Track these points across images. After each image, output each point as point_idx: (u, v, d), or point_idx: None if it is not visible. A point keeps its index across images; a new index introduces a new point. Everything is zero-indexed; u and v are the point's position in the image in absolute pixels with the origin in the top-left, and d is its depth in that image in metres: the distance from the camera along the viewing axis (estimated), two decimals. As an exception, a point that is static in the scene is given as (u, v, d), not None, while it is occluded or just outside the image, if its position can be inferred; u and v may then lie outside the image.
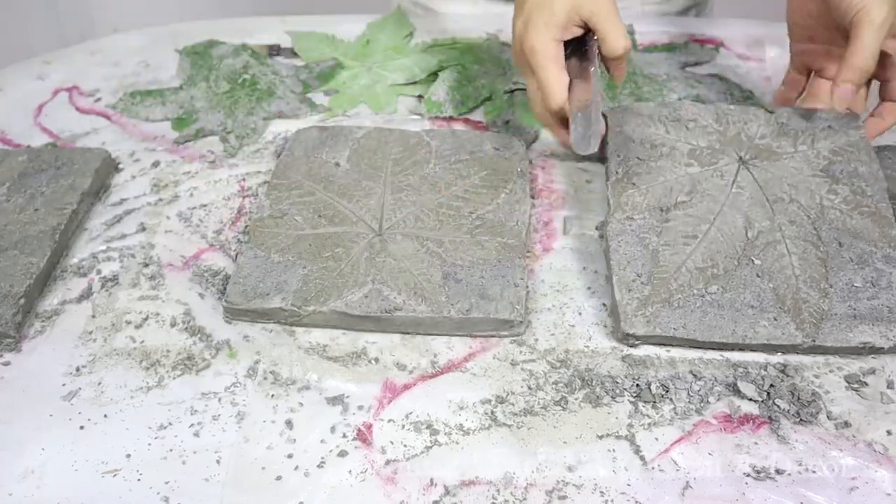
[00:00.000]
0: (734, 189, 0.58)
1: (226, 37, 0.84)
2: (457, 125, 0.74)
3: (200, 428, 0.50)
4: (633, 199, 0.59)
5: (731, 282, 0.54)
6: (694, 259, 0.55)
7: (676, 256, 0.55)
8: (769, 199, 0.57)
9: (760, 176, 0.59)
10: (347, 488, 0.46)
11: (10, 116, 0.76)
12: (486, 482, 0.47)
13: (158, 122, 0.75)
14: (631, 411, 0.50)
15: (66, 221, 0.61)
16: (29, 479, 0.47)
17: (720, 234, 0.56)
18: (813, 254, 0.55)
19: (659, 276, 0.54)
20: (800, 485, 0.46)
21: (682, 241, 0.55)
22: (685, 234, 0.56)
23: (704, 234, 0.55)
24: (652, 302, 0.53)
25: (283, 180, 0.64)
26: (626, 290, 0.54)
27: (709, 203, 0.58)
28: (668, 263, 0.55)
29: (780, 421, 0.49)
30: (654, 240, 0.56)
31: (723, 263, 0.54)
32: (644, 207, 0.58)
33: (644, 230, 0.57)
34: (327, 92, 0.78)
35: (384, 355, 0.54)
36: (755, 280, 0.53)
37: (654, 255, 0.55)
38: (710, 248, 0.55)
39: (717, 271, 0.54)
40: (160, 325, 0.56)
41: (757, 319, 0.52)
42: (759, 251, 0.55)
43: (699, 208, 0.57)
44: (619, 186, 0.60)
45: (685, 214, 0.57)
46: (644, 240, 0.56)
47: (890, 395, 0.50)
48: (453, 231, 0.59)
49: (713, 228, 0.56)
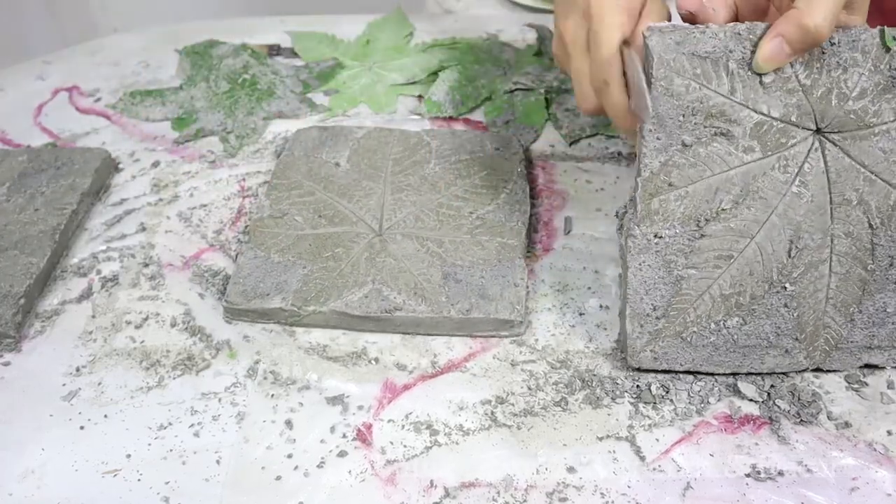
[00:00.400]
0: (795, 187, 0.46)
1: (226, 37, 0.84)
2: (457, 125, 0.74)
3: (200, 428, 0.50)
4: (667, 207, 0.46)
5: (753, 313, 0.47)
6: (720, 284, 0.47)
7: (702, 282, 0.47)
8: (834, 200, 0.46)
9: (835, 163, 0.46)
10: (347, 488, 0.46)
11: (10, 116, 0.76)
12: (486, 484, 0.47)
13: (158, 122, 0.75)
14: (631, 412, 0.50)
15: (66, 221, 0.61)
16: (29, 479, 0.47)
17: (759, 254, 0.46)
18: (857, 274, 0.47)
19: (677, 306, 0.48)
20: (800, 485, 0.46)
21: (713, 265, 0.47)
22: (718, 255, 0.47)
23: (740, 253, 0.46)
24: (664, 336, 0.48)
25: (283, 180, 0.64)
26: (639, 324, 0.48)
27: (756, 211, 0.46)
28: (691, 291, 0.47)
29: (780, 421, 0.49)
30: (682, 262, 0.47)
31: (751, 290, 0.47)
32: (678, 218, 0.46)
33: (672, 251, 0.47)
34: (327, 92, 0.78)
35: (384, 355, 0.54)
36: (780, 311, 0.47)
37: (678, 282, 0.47)
38: (741, 271, 0.47)
39: (743, 300, 0.47)
40: (160, 326, 0.56)
41: (768, 352, 0.49)
42: (798, 274, 0.47)
43: (743, 218, 0.46)
44: (652, 186, 0.46)
45: (724, 229, 0.46)
46: (670, 263, 0.47)
47: (890, 395, 0.50)
48: (453, 231, 0.59)
49: (752, 245, 0.46)
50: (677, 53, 0.44)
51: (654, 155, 0.46)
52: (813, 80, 0.45)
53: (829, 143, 0.46)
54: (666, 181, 0.46)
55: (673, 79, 0.44)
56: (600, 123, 0.72)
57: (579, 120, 0.72)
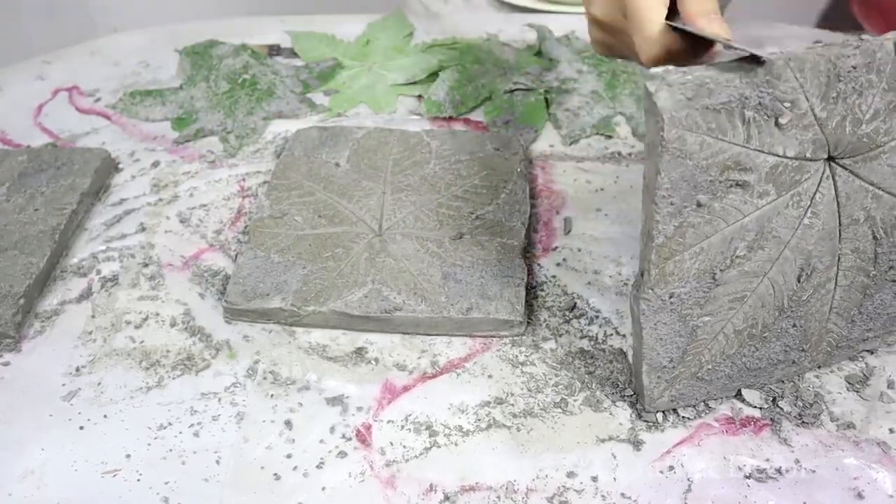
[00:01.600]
0: (807, 219, 0.44)
1: (226, 37, 0.84)
2: (457, 125, 0.74)
3: (200, 428, 0.49)
4: (682, 266, 0.43)
5: (765, 338, 0.47)
6: (734, 322, 0.46)
7: (717, 325, 0.46)
8: (843, 223, 0.45)
9: (844, 187, 0.44)
10: (346, 489, 0.46)
11: (10, 116, 0.76)
12: (485, 487, 0.46)
13: (158, 122, 0.75)
14: (632, 414, 0.50)
15: (65, 221, 0.61)
16: (29, 479, 0.47)
17: (771, 288, 0.45)
18: (860, 282, 0.46)
19: (693, 351, 0.46)
20: (802, 486, 0.46)
21: (728, 307, 0.45)
22: (732, 298, 0.45)
23: (753, 291, 0.45)
24: (680, 379, 0.47)
25: (283, 180, 0.64)
26: (657, 376, 0.47)
27: (770, 250, 0.44)
28: (706, 336, 0.46)
29: (782, 422, 0.49)
30: (697, 312, 0.45)
31: (762, 320, 0.46)
32: (693, 275, 0.44)
33: (687, 306, 0.44)
34: (327, 92, 0.78)
35: (384, 355, 0.54)
36: (790, 331, 0.47)
37: (693, 331, 0.45)
38: (753, 306, 0.45)
39: (755, 331, 0.46)
40: (160, 326, 0.56)
41: (777, 365, 0.49)
42: (808, 295, 0.46)
43: (757, 260, 0.44)
44: (666, 251, 0.43)
45: (739, 273, 0.44)
46: (685, 317, 0.45)
47: (890, 395, 0.50)
48: (453, 231, 0.59)
49: (765, 281, 0.45)
50: (689, 110, 0.39)
51: (667, 220, 0.42)
52: (829, 112, 0.42)
53: (840, 168, 0.44)
54: (681, 243, 0.43)
55: (686, 138, 0.40)
56: (600, 123, 0.72)
57: (579, 120, 0.72)
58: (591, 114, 0.73)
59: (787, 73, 0.40)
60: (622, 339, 0.54)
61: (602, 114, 0.73)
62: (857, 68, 0.41)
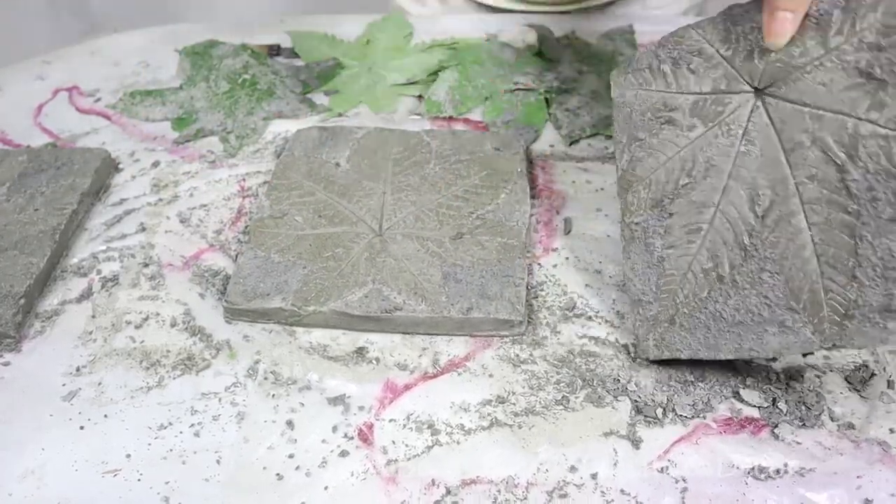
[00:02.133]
0: (742, 146, 0.47)
1: (226, 37, 0.84)
2: (457, 125, 0.74)
3: (200, 428, 0.49)
4: (639, 196, 0.51)
5: (735, 283, 0.47)
6: (699, 259, 0.48)
7: (682, 260, 0.49)
8: (785, 148, 0.46)
9: (777, 113, 0.46)
10: (349, 488, 0.46)
11: (10, 116, 0.76)
12: (487, 482, 0.47)
13: (158, 122, 0.75)
14: (632, 411, 0.50)
15: (66, 221, 0.61)
16: (29, 479, 0.47)
17: (725, 221, 0.47)
18: (838, 217, 0.44)
19: (666, 286, 0.50)
20: (801, 485, 0.46)
21: (686, 239, 0.49)
22: (688, 229, 0.49)
23: (710, 224, 0.48)
24: (659, 321, 0.50)
25: (283, 180, 0.64)
26: (639, 311, 0.51)
27: (713, 179, 0.48)
28: (675, 271, 0.49)
29: (781, 421, 0.49)
30: (659, 243, 0.50)
31: (728, 259, 0.47)
32: (647, 204, 0.51)
33: (649, 233, 0.50)
34: (327, 92, 0.78)
35: (385, 355, 0.54)
36: (762, 277, 0.46)
37: (660, 262, 0.50)
38: (715, 242, 0.48)
39: (722, 271, 0.47)
40: (160, 325, 0.56)
41: (764, 327, 0.46)
42: (769, 232, 0.46)
43: (703, 187, 0.48)
44: (625, 181, 0.52)
45: (687, 202, 0.49)
46: (650, 246, 0.50)
47: (891, 395, 0.50)
48: (454, 231, 0.59)
49: (718, 213, 0.48)
50: (626, 75, 0.53)
51: (620, 156, 0.53)
52: (733, 49, 0.48)
53: (770, 98, 0.47)
54: (633, 173, 0.52)
55: (624, 93, 0.53)
56: (600, 123, 0.72)
57: (579, 120, 0.72)
58: (591, 114, 0.73)
59: (690, 32, 0.50)
60: (622, 338, 0.54)
61: (602, 114, 0.73)
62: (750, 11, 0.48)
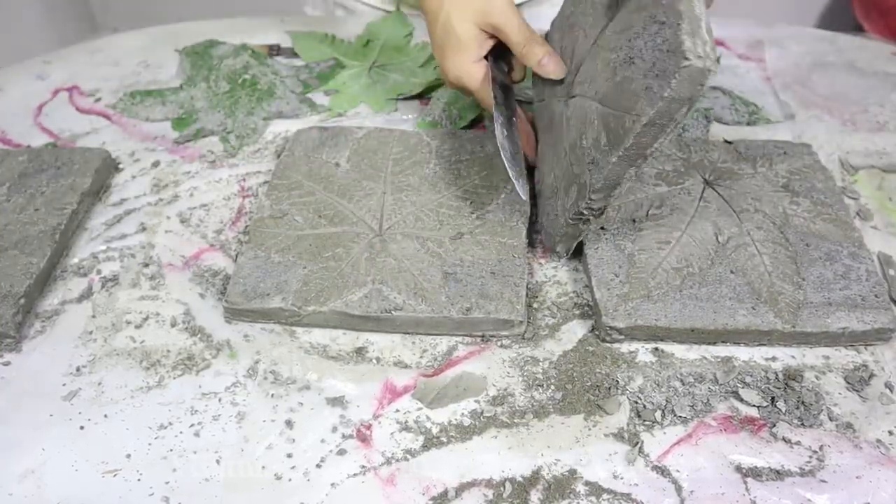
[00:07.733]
0: (701, 203, 0.61)
1: (226, 37, 0.84)
2: (457, 125, 0.74)
3: (200, 428, 0.50)
4: (606, 215, 0.59)
5: (706, 278, 0.56)
6: (669, 261, 0.57)
7: (652, 259, 0.57)
8: (735, 210, 0.60)
9: (725, 192, 0.62)
10: (347, 488, 0.46)
11: (10, 116, 0.76)
12: (484, 483, 0.47)
13: (158, 122, 0.75)
14: (631, 412, 0.50)
15: (66, 221, 0.61)
16: (29, 479, 0.47)
17: (692, 240, 0.58)
18: (783, 253, 0.57)
19: (636, 275, 0.56)
20: (800, 486, 0.46)
21: (657, 246, 0.58)
22: (659, 241, 0.58)
23: (678, 240, 0.58)
24: (632, 298, 0.54)
25: (283, 180, 0.64)
26: (606, 288, 0.55)
27: (679, 214, 0.60)
28: (645, 265, 0.57)
29: (781, 422, 0.49)
30: (630, 245, 0.58)
31: (697, 263, 0.57)
32: (617, 220, 0.60)
33: (619, 238, 0.59)
34: (327, 92, 0.78)
35: (384, 355, 0.54)
36: (729, 276, 0.56)
37: (631, 258, 0.57)
38: (683, 251, 0.57)
39: (693, 270, 0.56)
40: (160, 325, 0.56)
41: (736, 308, 0.54)
42: (731, 252, 0.57)
43: (670, 219, 0.60)
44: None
45: (657, 224, 0.59)
46: (620, 245, 0.58)
47: (890, 396, 0.50)
48: (454, 231, 0.59)
49: (685, 235, 0.58)
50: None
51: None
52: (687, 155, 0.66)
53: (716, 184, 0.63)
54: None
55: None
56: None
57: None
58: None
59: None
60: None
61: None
62: (696, 143, 0.68)
